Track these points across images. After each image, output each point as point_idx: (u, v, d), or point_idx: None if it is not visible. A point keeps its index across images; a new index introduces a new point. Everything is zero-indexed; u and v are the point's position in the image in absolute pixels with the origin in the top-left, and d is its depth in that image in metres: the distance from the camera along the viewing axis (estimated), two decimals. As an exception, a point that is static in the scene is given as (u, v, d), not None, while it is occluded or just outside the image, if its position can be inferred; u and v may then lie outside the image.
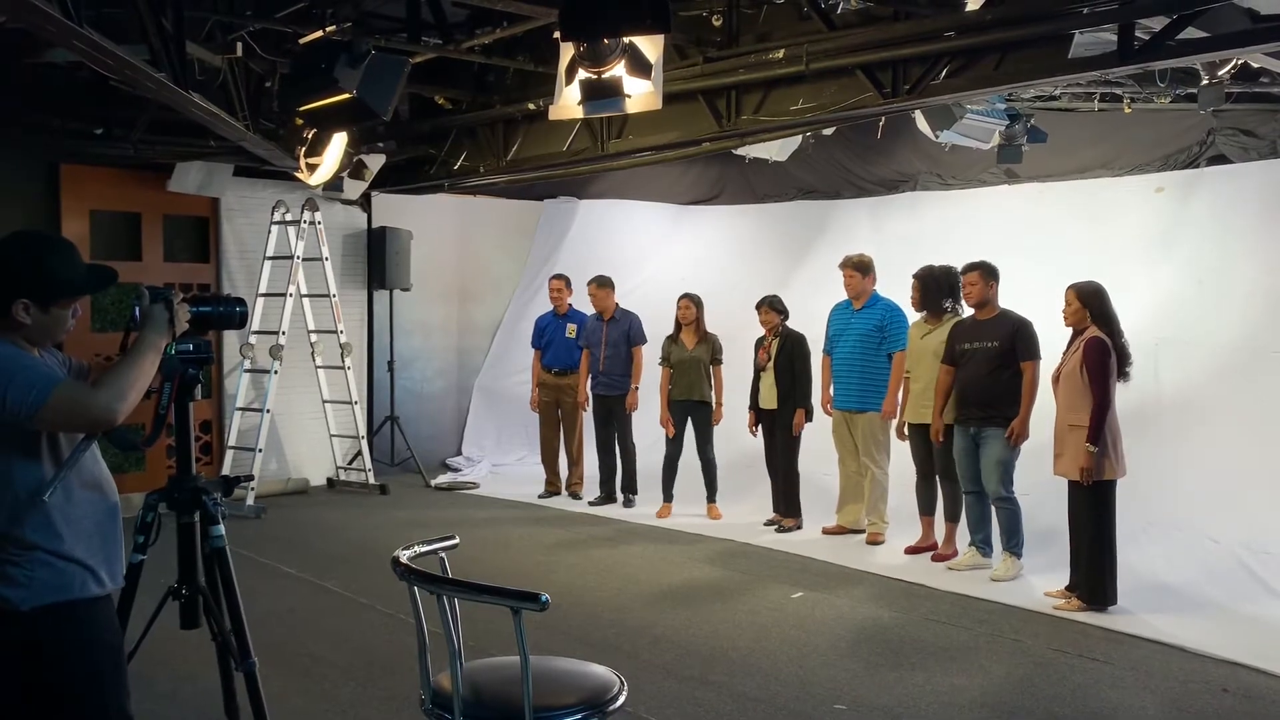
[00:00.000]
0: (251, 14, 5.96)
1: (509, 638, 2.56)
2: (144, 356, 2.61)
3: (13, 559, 2.48)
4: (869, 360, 7.18)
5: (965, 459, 6.34)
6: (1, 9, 3.99)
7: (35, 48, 6.03)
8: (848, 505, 7.42)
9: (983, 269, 6.33)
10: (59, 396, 2.44)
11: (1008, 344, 6.15)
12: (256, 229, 9.11)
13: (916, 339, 6.86)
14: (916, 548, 6.85)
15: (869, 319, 7.22)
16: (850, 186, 9.91)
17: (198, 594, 3.06)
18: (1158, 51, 4.71)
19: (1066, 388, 5.66)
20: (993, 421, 6.15)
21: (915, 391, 6.78)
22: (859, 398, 7.21)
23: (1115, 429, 5.58)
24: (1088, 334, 5.63)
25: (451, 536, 3.16)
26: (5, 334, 2.53)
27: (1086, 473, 5.47)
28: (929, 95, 5.59)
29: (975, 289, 6.33)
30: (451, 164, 8.75)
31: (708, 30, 6.22)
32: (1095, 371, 5.50)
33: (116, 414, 2.48)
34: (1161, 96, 6.71)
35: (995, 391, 6.15)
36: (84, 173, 8.33)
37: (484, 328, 11.02)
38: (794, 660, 4.91)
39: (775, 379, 7.48)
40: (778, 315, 7.58)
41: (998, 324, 6.26)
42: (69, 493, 2.56)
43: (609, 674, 2.86)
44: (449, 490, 9.32)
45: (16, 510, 2.48)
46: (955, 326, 6.51)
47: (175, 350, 2.84)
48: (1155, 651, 5.00)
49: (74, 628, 2.55)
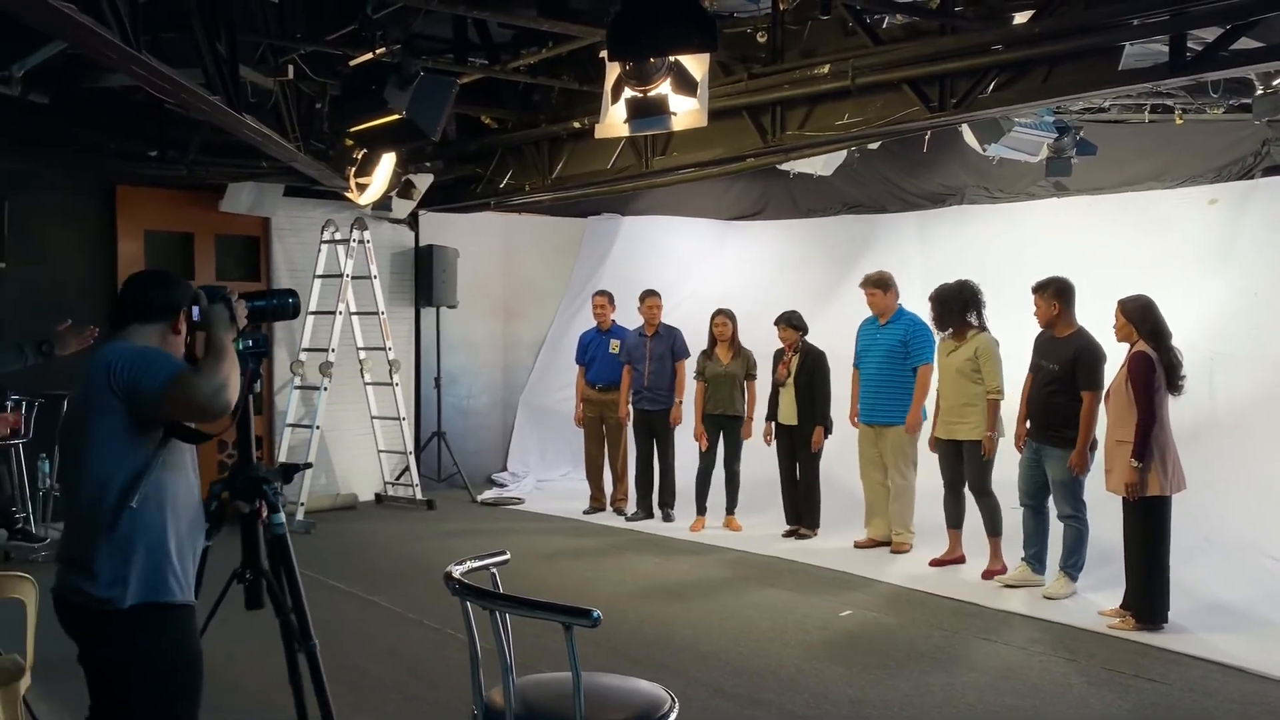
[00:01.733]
0: (302, 37, 6.06)
1: (554, 653, 2.58)
2: (227, 350, 2.73)
3: (116, 557, 2.62)
4: (895, 375, 7.26)
5: (1026, 471, 6.26)
6: (63, 35, 4.11)
7: (94, 72, 6.18)
8: (875, 518, 7.46)
9: (1047, 289, 6.17)
10: (176, 382, 2.60)
11: (1068, 369, 6.03)
12: (306, 248, 9.25)
13: (942, 357, 6.84)
14: (942, 560, 6.85)
15: (894, 334, 7.32)
16: (896, 200, 9.85)
17: (260, 577, 3.12)
18: (1211, 62, 4.65)
19: (1114, 403, 5.61)
20: (1052, 441, 6.08)
21: (944, 408, 6.76)
22: (885, 412, 7.28)
23: (1165, 444, 5.47)
24: (1134, 349, 5.58)
25: (502, 552, 3.18)
26: (132, 340, 2.76)
27: (1131, 488, 5.40)
28: (976, 109, 5.56)
29: (1038, 310, 6.23)
30: (497, 182, 8.82)
31: (752, 47, 6.23)
32: (1139, 386, 5.43)
33: (226, 403, 2.61)
34: (1214, 107, 6.61)
35: (1050, 412, 6.07)
36: (139, 194, 8.52)
37: (528, 344, 11.08)
38: (844, 679, 4.87)
39: (796, 395, 7.61)
40: (796, 332, 7.70)
41: (1064, 346, 6.11)
42: (173, 499, 2.71)
43: (660, 690, 2.85)
44: (494, 506, 9.36)
45: (121, 510, 2.61)
46: (1037, 337, 6.36)
47: (241, 346, 2.92)
48: (1213, 671, 4.90)
49: (167, 629, 2.69)
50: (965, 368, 6.58)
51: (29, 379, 7.72)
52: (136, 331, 2.80)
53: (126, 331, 2.80)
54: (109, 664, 2.67)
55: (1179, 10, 4.44)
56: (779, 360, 7.78)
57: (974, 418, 6.56)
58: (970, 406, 6.58)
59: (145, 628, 2.65)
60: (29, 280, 7.97)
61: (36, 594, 3.46)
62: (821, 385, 7.60)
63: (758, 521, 8.04)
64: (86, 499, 2.66)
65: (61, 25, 3.59)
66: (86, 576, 2.63)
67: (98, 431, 2.64)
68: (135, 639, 2.64)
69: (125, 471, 2.63)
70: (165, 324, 2.83)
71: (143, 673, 2.65)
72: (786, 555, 7.27)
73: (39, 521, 7.58)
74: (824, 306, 8.66)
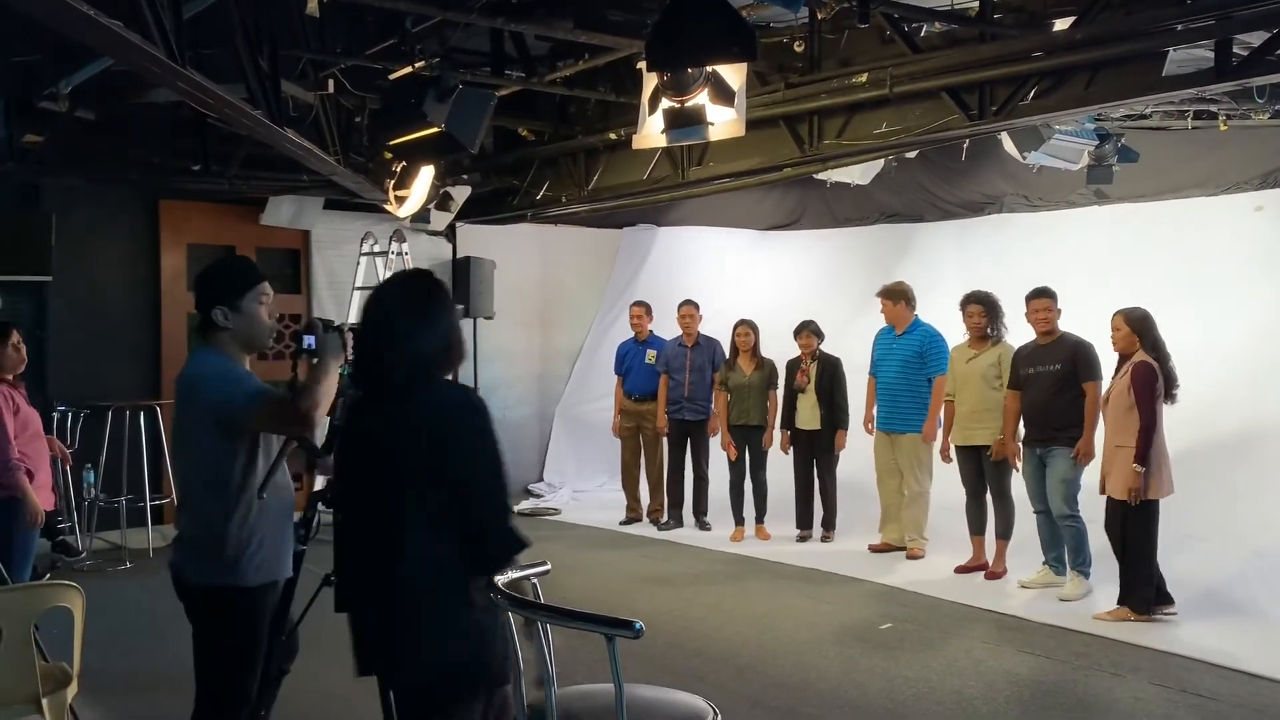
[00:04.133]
0: (342, 51, 6.13)
1: (592, 664, 2.57)
2: (330, 374, 3.07)
3: (241, 545, 3.00)
4: (911, 384, 7.40)
5: (1033, 480, 6.42)
6: (110, 52, 4.18)
7: (138, 88, 6.28)
8: (890, 523, 7.59)
9: (1050, 296, 6.39)
10: (272, 401, 3.01)
11: (1069, 366, 6.23)
12: (346, 260, 9.33)
13: (961, 363, 6.93)
14: (967, 567, 6.93)
15: (910, 345, 7.47)
16: (934, 209, 9.78)
17: None
18: (1257, 67, 4.59)
19: (1114, 410, 5.77)
20: (1058, 441, 6.23)
21: (961, 414, 6.88)
22: (901, 420, 7.42)
23: (1161, 450, 5.68)
24: (1136, 358, 5.73)
25: (543, 562, 3.17)
26: (216, 347, 3.11)
27: (1135, 493, 5.56)
28: (1017, 116, 5.52)
29: (1050, 315, 6.38)
30: (534, 194, 8.86)
31: (789, 56, 6.23)
32: (1142, 395, 5.60)
33: (314, 421, 2.97)
34: (1260, 113, 6.51)
35: (1060, 413, 6.23)
36: (182, 208, 8.65)
37: (565, 355, 11.10)
38: (884, 692, 4.81)
39: (816, 401, 7.79)
40: (817, 339, 7.88)
41: (1059, 347, 6.32)
42: (275, 490, 3.08)
43: (702, 703, 2.84)
44: (531, 516, 9.38)
45: (236, 502, 3.00)
46: (1018, 352, 6.57)
47: (346, 372, 3.15)
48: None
49: (276, 603, 3.13)
50: (989, 374, 6.73)
51: (75, 390, 7.88)
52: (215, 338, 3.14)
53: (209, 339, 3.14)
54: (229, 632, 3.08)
55: (1224, 15, 4.38)
56: (797, 368, 7.94)
57: (992, 423, 6.69)
58: (989, 412, 6.70)
59: (266, 599, 3.12)
60: (75, 292, 8.11)
61: (83, 602, 3.50)
62: (841, 390, 7.82)
63: (786, 528, 8.10)
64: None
65: (108, 42, 3.66)
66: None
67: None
68: (259, 609, 3.10)
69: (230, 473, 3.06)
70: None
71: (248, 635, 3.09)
72: (817, 564, 7.26)
73: (84, 531, 7.69)
74: (861, 316, 8.60)
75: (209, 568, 3.02)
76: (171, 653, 3.14)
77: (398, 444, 2.39)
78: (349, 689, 4.73)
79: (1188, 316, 7.21)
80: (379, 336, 2.49)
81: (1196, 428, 6.69)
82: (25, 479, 4.62)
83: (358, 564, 2.51)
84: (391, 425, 2.40)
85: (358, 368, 2.62)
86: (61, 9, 3.28)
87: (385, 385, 2.46)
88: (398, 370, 2.43)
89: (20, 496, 4.60)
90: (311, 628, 3.45)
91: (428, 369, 2.46)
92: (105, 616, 5.70)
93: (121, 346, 8.43)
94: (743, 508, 8.23)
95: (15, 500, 4.61)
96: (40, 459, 4.86)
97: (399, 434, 2.39)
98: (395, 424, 2.40)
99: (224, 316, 3.11)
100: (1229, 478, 6.52)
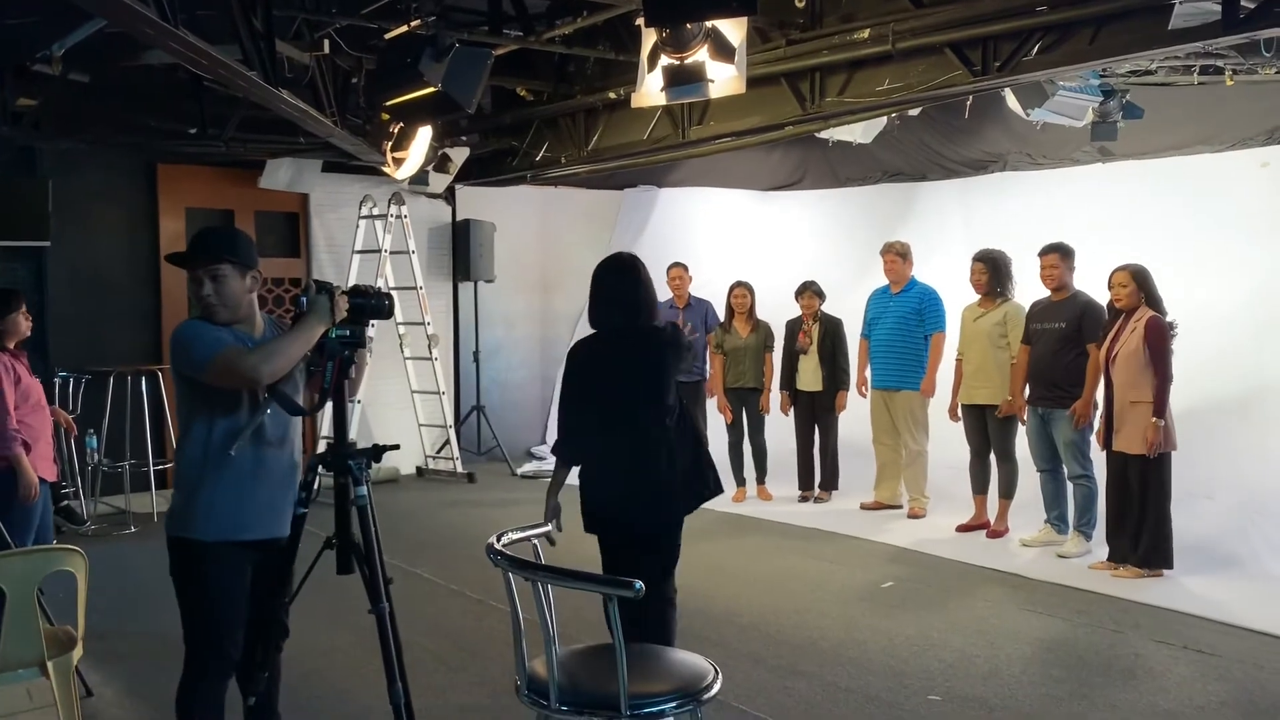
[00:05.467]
0: (337, 11, 6.06)
1: (594, 624, 2.57)
2: (299, 334, 3.05)
3: (194, 499, 3.04)
4: (907, 341, 7.43)
5: (1035, 438, 6.45)
6: (102, 12, 4.13)
7: (132, 50, 6.21)
8: (885, 481, 7.67)
9: (1060, 250, 6.37)
10: (221, 356, 2.96)
11: (1074, 325, 6.23)
12: (345, 223, 9.29)
13: (970, 322, 6.94)
14: (969, 526, 6.99)
15: (906, 303, 7.49)
16: (937, 168, 9.70)
17: (348, 545, 3.22)
18: (1265, 19, 4.51)
19: (1127, 367, 5.76)
20: (1060, 402, 6.25)
21: (968, 373, 6.91)
22: (897, 376, 7.47)
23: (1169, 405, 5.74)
24: (1144, 314, 5.74)
25: (544, 524, 3.18)
26: (196, 316, 3.13)
27: (1154, 446, 5.59)
28: (1021, 72, 5.45)
29: (1056, 271, 6.37)
30: (533, 155, 8.80)
31: (790, 12, 6.14)
32: (1157, 350, 5.66)
33: (262, 374, 2.95)
34: (1267, 67, 6.41)
35: (1060, 372, 6.25)
36: (179, 171, 8.60)
37: (566, 317, 11.07)
38: (885, 650, 4.84)
39: (819, 362, 7.82)
40: (819, 300, 7.91)
41: (1068, 305, 6.32)
42: (257, 449, 3.08)
43: (703, 662, 2.84)
44: (534, 478, 9.40)
45: (209, 458, 3.02)
46: (1032, 306, 6.58)
47: (335, 334, 3.15)
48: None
49: (233, 560, 3.10)
50: (994, 333, 6.74)
51: (76, 356, 7.88)
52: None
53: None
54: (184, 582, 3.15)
55: (1232, -35, 4.31)
56: (798, 329, 7.93)
57: (996, 382, 6.71)
58: (994, 371, 6.73)
59: (221, 557, 3.11)
60: (73, 258, 8.09)
61: (86, 566, 3.51)
62: (843, 351, 7.86)
63: (787, 489, 8.15)
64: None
65: (100, 2, 3.61)
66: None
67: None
68: (210, 567, 3.10)
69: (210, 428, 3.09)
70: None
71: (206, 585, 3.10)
72: (819, 524, 7.31)
73: (88, 496, 7.71)
74: (865, 275, 8.56)
75: (172, 519, 3.11)
76: (175, 616, 3.14)
77: (630, 361, 3.76)
78: (351, 646, 4.77)
79: (1192, 273, 7.18)
80: (623, 303, 3.83)
81: (1200, 385, 6.67)
82: (21, 450, 4.56)
83: (610, 432, 3.72)
84: (624, 350, 3.78)
85: (601, 318, 3.86)
86: (50, -32, 3.24)
87: (623, 329, 3.81)
88: (636, 320, 3.82)
89: (15, 466, 4.56)
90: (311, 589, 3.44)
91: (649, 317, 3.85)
92: (110, 580, 5.73)
93: (121, 311, 8.41)
94: (742, 469, 8.25)
95: (15, 471, 4.58)
96: (42, 429, 4.81)
97: (631, 355, 3.77)
98: (627, 349, 3.78)
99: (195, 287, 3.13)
100: (1231, 435, 6.52)
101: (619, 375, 3.73)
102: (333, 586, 3.32)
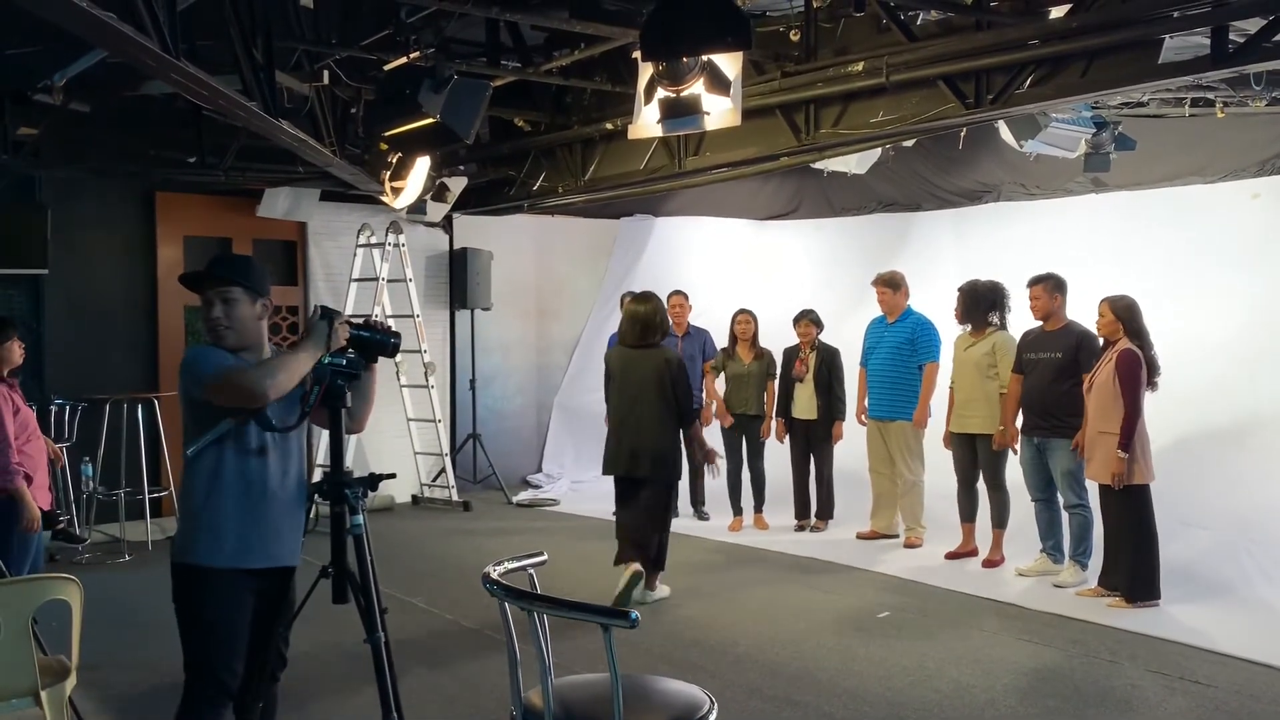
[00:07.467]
0: (337, 42, 6.11)
1: (591, 655, 2.57)
2: (296, 355, 3.08)
3: (192, 525, 3.06)
4: (901, 371, 7.44)
5: (1030, 467, 6.46)
6: (103, 44, 4.17)
7: (133, 80, 6.26)
8: (881, 511, 7.67)
9: (1047, 282, 6.41)
10: (226, 371, 3.00)
11: (1070, 355, 6.25)
12: (342, 252, 9.32)
13: (960, 351, 6.97)
14: (956, 553, 7.00)
15: (900, 332, 7.50)
16: (931, 198, 9.78)
17: (344, 574, 3.22)
18: (1254, 53, 4.56)
19: (1098, 397, 5.83)
20: (1056, 432, 6.26)
21: (958, 402, 6.92)
22: (891, 407, 7.47)
23: (1143, 436, 5.76)
24: (1120, 346, 5.79)
25: (540, 553, 3.18)
26: (204, 343, 3.20)
27: (1118, 478, 5.66)
28: (1013, 105, 5.50)
29: (1039, 303, 6.43)
30: (530, 185, 8.84)
31: (785, 45, 6.21)
32: (1127, 382, 5.69)
33: (266, 389, 2.95)
34: (1257, 100, 6.51)
35: (1056, 402, 6.25)
36: (178, 200, 8.64)
37: (562, 346, 11.11)
38: (881, 680, 4.82)
39: (815, 391, 7.82)
40: (816, 329, 7.92)
41: (1062, 335, 6.34)
42: (252, 475, 3.08)
43: (699, 692, 2.84)
44: (530, 507, 9.39)
45: (213, 484, 3.05)
46: (1024, 336, 6.60)
47: (329, 361, 3.18)
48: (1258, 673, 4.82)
49: (236, 588, 3.09)
50: (983, 362, 6.77)
51: (72, 384, 7.88)
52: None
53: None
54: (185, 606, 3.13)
55: (1220, 1, 4.37)
56: (795, 357, 7.95)
57: (985, 411, 6.73)
58: (981, 401, 6.75)
59: (190, 582, 3.09)
60: (71, 286, 8.11)
61: (81, 595, 3.50)
62: (839, 380, 7.86)
63: (783, 518, 8.14)
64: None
65: (102, 33, 3.64)
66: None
67: None
68: (206, 591, 3.09)
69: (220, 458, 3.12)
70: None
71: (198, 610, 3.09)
72: (815, 554, 7.29)
73: (82, 524, 7.69)
74: (859, 305, 8.61)
75: (176, 545, 3.11)
76: (171, 645, 3.13)
77: (653, 371, 5.82)
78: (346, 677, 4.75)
79: (1185, 304, 7.23)
80: (645, 327, 5.94)
81: (1193, 414, 6.71)
82: (23, 483, 4.57)
83: (637, 427, 5.90)
84: (649, 362, 5.84)
85: (631, 336, 5.97)
86: (54, 1, 3.27)
87: (646, 343, 5.90)
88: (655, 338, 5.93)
89: (17, 499, 4.57)
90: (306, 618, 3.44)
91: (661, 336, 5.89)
92: (104, 609, 5.70)
93: (118, 339, 8.42)
94: (740, 498, 8.25)
95: (15, 500, 4.58)
96: (39, 459, 4.82)
97: (653, 366, 5.82)
98: (651, 362, 5.84)
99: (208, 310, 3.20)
100: (1224, 464, 6.54)
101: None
102: (328, 615, 3.31)
